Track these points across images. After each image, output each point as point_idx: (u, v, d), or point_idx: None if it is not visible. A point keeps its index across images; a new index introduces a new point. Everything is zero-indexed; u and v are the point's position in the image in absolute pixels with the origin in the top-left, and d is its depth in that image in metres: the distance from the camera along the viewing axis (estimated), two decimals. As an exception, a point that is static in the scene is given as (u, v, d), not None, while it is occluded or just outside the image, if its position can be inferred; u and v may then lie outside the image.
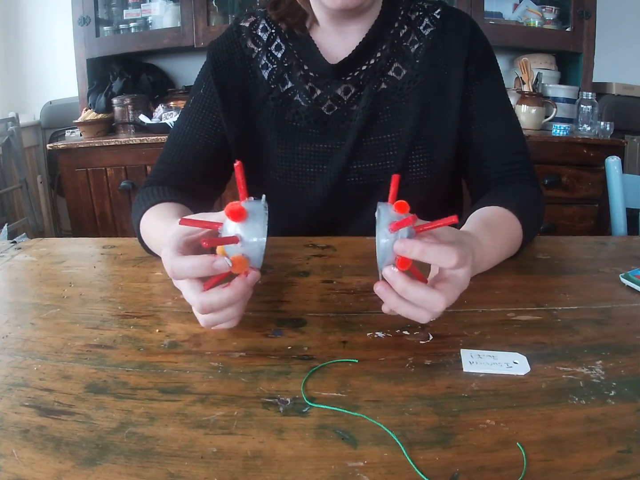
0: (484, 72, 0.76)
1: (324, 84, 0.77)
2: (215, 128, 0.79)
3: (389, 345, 0.46)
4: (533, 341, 0.46)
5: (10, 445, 0.34)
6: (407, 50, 0.77)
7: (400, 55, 0.76)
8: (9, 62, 2.53)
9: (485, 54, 0.77)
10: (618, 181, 1.15)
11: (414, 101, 0.76)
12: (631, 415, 0.36)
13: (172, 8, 2.16)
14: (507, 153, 0.76)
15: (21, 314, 0.53)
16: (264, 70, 0.78)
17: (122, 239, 0.79)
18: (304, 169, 0.77)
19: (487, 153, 0.76)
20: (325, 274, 0.62)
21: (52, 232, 2.58)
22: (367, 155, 0.76)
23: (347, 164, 0.76)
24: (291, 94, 0.78)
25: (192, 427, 0.35)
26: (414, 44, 0.77)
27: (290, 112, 0.77)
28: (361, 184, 0.78)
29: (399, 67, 0.76)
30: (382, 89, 0.76)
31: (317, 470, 0.32)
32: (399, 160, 0.75)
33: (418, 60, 0.76)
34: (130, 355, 0.45)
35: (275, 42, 0.78)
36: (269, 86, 0.78)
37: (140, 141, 1.91)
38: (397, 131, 0.75)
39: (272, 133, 0.78)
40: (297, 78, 0.77)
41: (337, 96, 0.77)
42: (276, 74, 0.78)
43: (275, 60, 0.78)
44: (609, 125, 1.92)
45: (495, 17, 2.15)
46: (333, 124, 0.77)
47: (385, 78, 0.76)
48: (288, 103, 0.78)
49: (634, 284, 0.57)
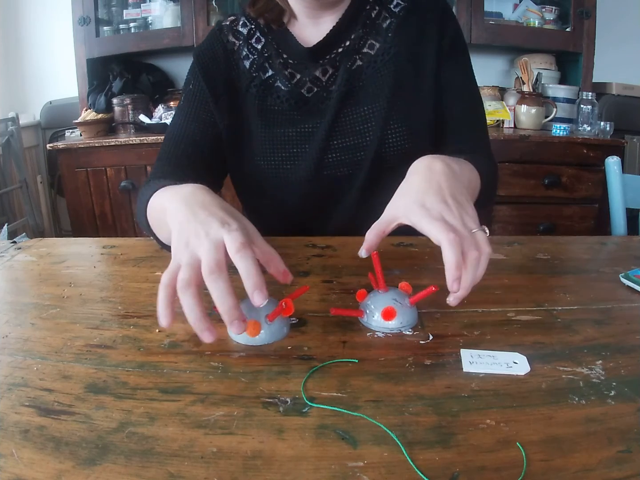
0: (455, 49, 0.79)
1: (302, 68, 0.80)
2: (209, 117, 0.81)
3: (389, 345, 0.46)
4: (533, 341, 0.46)
5: (10, 445, 0.34)
6: (379, 27, 0.79)
7: (373, 32, 0.79)
8: (9, 62, 2.53)
9: (456, 32, 0.80)
10: (618, 181, 1.15)
11: (388, 72, 0.78)
12: (631, 415, 0.36)
13: (172, 8, 2.16)
14: (469, 130, 0.80)
15: (21, 314, 0.53)
16: (245, 61, 0.81)
17: (122, 239, 0.79)
18: (288, 149, 0.79)
19: (450, 127, 0.80)
20: (325, 274, 0.62)
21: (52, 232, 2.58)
22: (346, 130, 0.78)
23: (327, 141, 0.78)
24: (272, 81, 0.80)
25: (192, 427, 0.35)
26: (385, 20, 0.79)
27: (272, 97, 0.80)
28: (342, 160, 0.80)
29: (372, 42, 0.79)
30: (357, 65, 0.79)
31: (317, 470, 0.32)
32: (377, 131, 0.77)
33: (390, 34, 0.79)
34: (130, 355, 0.45)
35: (255, 35, 0.82)
36: (251, 75, 0.81)
37: (140, 141, 1.91)
38: (374, 103, 0.77)
39: (256, 119, 0.81)
40: (276, 65, 0.80)
41: (315, 78, 0.79)
42: (257, 63, 0.81)
43: (255, 51, 0.82)
44: (609, 125, 1.92)
45: (495, 17, 2.15)
46: (313, 104, 0.80)
47: (360, 55, 0.79)
48: (269, 89, 0.80)
49: (634, 284, 0.57)
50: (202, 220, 0.45)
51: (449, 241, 0.45)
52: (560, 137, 1.86)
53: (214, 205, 0.48)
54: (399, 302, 0.49)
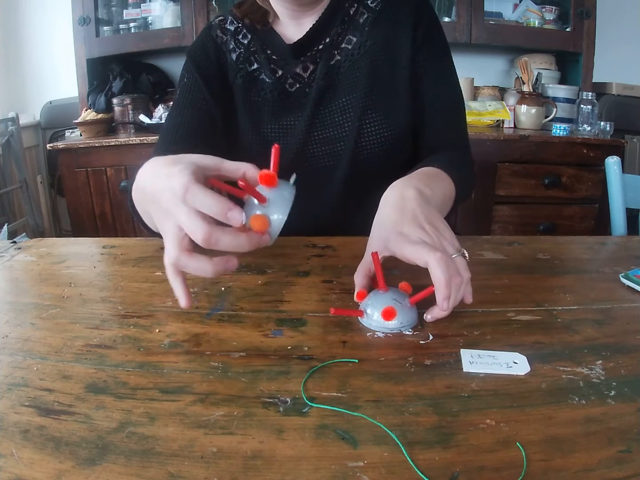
0: (430, 39, 0.80)
1: (284, 64, 0.82)
2: (205, 105, 0.82)
3: (389, 345, 0.46)
4: (533, 341, 0.46)
5: (10, 445, 0.34)
6: (356, 23, 0.81)
7: (350, 28, 0.81)
8: (9, 62, 2.53)
9: (431, 21, 0.81)
10: (618, 181, 1.15)
11: (365, 64, 0.80)
12: (631, 415, 0.36)
13: (172, 8, 2.16)
14: (445, 120, 0.81)
15: (21, 314, 0.53)
16: (232, 54, 0.85)
17: (122, 239, 0.79)
18: (271, 142, 0.79)
19: (428, 118, 0.81)
20: (325, 274, 0.62)
21: (52, 232, 2.58)
22: (326, 122, 0.81)
23: (307, 134, 0.81)
24: (257, 74, 0.84)
25: (192, 427, 0.35)
26: (362, 15, 0.81)
27: (257, 88, 0.83)
28: (322, 152, 0.82)
29: (350, 37, 0.81)
30: (336, 60, 0.81)
31: (317, 470, 0.32)
32: (356, 121, 0.79)
33: (367, 28, 0.81)
34: (130, 355, 0.45)
35: (242, 32, 0.86)
36: (237, 66, 0.84)
37: (140, 141, 1.91)
38: (351, 94, 0.79)
39: (242, 110, 0.83)
40: (262, 60, 0.83)
41: (297, 74, 0.82)
42: (243, 56, 0.84)
43: (242, 45, 0.85)
44: (609, 125, 1.92)
45: (495, 17, 2.15)
46: (295, 99, 0.82)
47: (339, 50, 0.81)
48: (254, 81, 0.84)
49: (634, 284, 0.57)
50: (157, 199, 0.44)
51: (437, 260, 0.46)
52: (560, 137, 1.86)
53: (162, 167, 0.45)
54: (399, 302, 0.49)
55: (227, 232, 0.41)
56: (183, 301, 0.45)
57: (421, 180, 0.59)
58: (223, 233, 0.41)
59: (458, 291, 0.48)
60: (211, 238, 0.40)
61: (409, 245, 0.48)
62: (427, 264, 0.46)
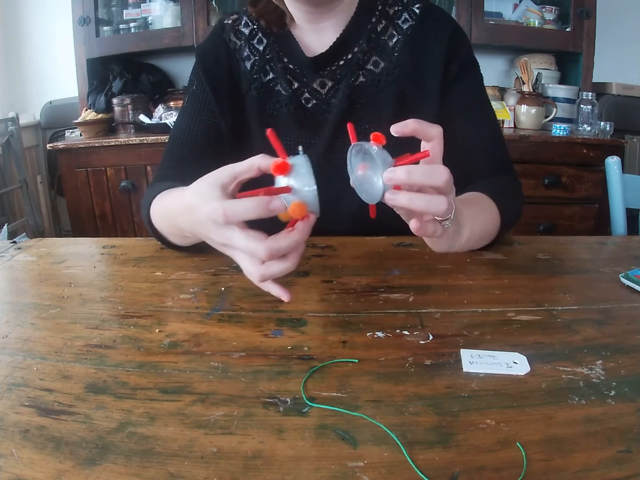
0: (466, 73, 0.77)
1: (300, 76, 0.78)
2: (211, 119, 0.80)
3: (389, 345, 0.46)
4: (533, 341, 0.46)
5: (10, 445, 0.34)
6: (385, 44, 0.77)
7: (378, 49, 0.77)
8: (9, 62, 2.53)
9: (467, 56, 0.77)
10: (618, 181, 1.15)
11: (391, 93, 0.76)
12: (631, 415, 0.36)
13: (172, 8, 2.16)
14: (488, 151, 0.77)
15: (21, 314, 0.53)
16: (246, 62, 0.80)
17: (122, 239, 0.79)
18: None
19: (468, 151, 0.77)
20: (325, 274, 0.62)
21: (52, 232, 2.58)
22: (347, 148, 0.77)
23: (326, 156, 0.77)
24: (272, 84, 0.80)
25: (192, 427, 0.35)
26: (392, 37, 0.77)
27: (272, 101, 0.79)
28: (340, 176, 0.78)
29: (377, 60, 0.77)
30: (360, 82, 0.77)
31: (317, 470, 0.32)
32: None
33: (396, 54, 0.77)
34: (130, 355, 0.45)
35: (257, 36, 0.81)
36: (252, 76, 0.80)
37: (140, 141, 1.91)
38: (375, 123, 0.76)
39: (255, 122, 0.80)
40: (278, 69, 0.79)
41: (314, 89, 0.78)
42: (258, 64, 0.80)
43: (257, 52, 0.80)
44: (609, 125, 1.92)
45: (495, 17, 2.15)
46: (312, 115, 0.79)
47: (363, 71, 0.77)
48: (270, 92, 0.80)
49: (634, 284, 0.57)
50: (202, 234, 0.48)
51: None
52: (560, 137, 1.86)
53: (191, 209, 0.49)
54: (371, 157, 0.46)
55: (279, 238, 0.43)
56: (286, 296, 0.46)
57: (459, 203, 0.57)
58: (277, 239, 0.43)
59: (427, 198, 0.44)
60: (272, 250, 0.42)
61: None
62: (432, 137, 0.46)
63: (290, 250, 0.44)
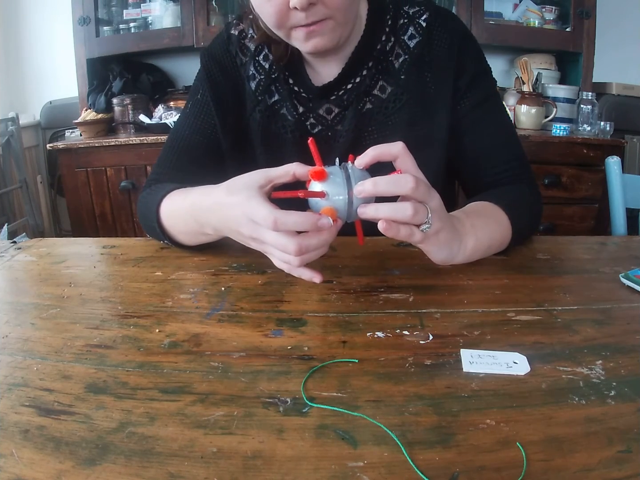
0: (475, 84, 0.74)
1: (307, 101, 0.76)
2: (213, 133, 0.79)
3: (389, 345, 0.46)
4: (533, 341, 0.46)
5: (10, 445, 0.34)
6: (391, 66, 0.74)
7: (385, 72, 0.75)
8: (9, 62, 2.53)
9: (476, 67, 0.74)
10: (618, 181, 1.15)
11: (400, 120, 0.74)
12: (631, 415, 0.36)
13: (172, 8, 2.16)
14: (503, 159, 0.75)
15: (21, 314, 0.53)
16: (251, 82, 0.78)
17: (122, 239, 0.79)
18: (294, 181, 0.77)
19: (483, 162, 0.76)
20: (325, 274, 0.62)
21: (52, 232, 2.58)
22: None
23: None
24: (278, 107, 0.77)
25: (192, 427, 0.35)
26: (398, 57, 0.74)
27: (277, 125, 0.77)
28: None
29: (383, 85, 0.75)
30: (367, 108, 0.75)
31: (317, 470, 0.32)
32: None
33: (403, 77, 0.74)
34: (130, 355, 0.45)
35: (263, 52, 0.78)
36: (256, 98, 0.78)
37: (140, 141, 1.91)
38: None
39: (259, 146, 0.79)
40: (283, 91, 0.76)
41: (320, 116, 0.76)
42: (263, 85, 0.78)
43: (262, 70, 0.78)
44: (609, 125, 1.92)
45: (495, 17, 2.15)
46: (317, 142, 0.77)
47: (370, 97, 0.75)
48: (274, 116, 0.77)
49: (634, 284, 0.57)
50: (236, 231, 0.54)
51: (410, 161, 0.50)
52: (560, 137, 1.86)
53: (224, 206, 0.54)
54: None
55: (310, 236, 0.48)
56: (318, 278, 0.51)
57: (463, 214, 0.60)
58: (307, 238, 0.48)
59: (397, 187, 0.47)
60: (302, 246, 0.47)
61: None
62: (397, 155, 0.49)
63: (319, 247, 0.49)
